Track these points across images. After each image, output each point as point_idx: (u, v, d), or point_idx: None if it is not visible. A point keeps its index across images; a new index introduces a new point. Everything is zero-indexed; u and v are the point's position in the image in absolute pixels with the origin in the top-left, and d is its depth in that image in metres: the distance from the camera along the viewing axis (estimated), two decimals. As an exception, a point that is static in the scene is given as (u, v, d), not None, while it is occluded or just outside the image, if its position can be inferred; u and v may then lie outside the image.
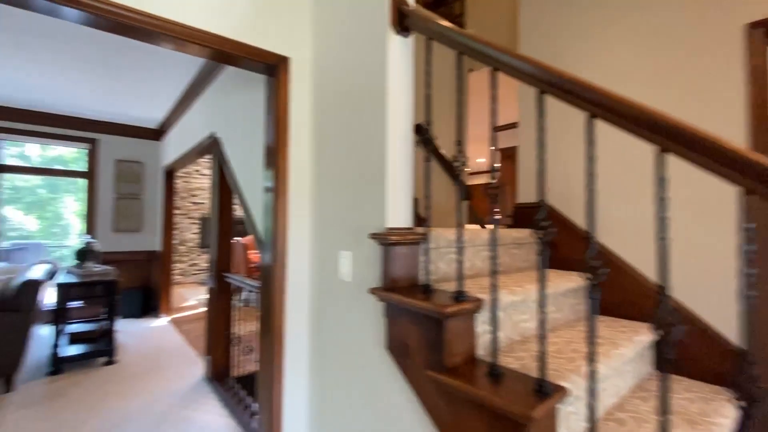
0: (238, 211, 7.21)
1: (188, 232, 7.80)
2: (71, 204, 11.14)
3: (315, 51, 1.74)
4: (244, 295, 5.43)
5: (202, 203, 8.00)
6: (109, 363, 3.39)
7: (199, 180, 7.95)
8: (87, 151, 5.08)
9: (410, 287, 1.27)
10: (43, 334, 4.16)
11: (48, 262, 3.82)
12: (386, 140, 1.29)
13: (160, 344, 3.97)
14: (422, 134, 2.83)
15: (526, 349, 1.25)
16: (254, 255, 6.47)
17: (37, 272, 3.28)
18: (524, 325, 1.38)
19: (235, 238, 6.49)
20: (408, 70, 1.36)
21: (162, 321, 4.89)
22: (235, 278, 2.80)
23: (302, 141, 1.73)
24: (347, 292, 1.46)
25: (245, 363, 2.93)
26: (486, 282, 1.43)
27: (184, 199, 7.70)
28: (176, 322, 4.84)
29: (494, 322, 1.01)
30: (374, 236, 1.24)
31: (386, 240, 1.20)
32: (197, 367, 3.36)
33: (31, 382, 2.98)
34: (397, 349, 1.20)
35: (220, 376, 3.01)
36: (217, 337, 3.05)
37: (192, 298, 6.33)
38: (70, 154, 9.94)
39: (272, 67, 1.68)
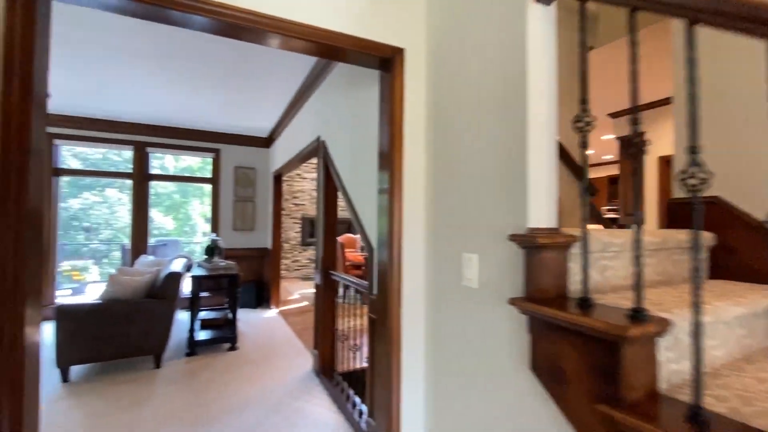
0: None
1: (291, 231, 8.44)
2: (197, 207, 13.02)
3: (430, 38, 1.64)
4: (341, 291, 5.65)
5: (303, 204, 8.59)
6: (232, 349, 3.76)
7: (300, 183, 8.56)
8: (211, 159, 5.79)
9: (559, 299, 1.07)
10: (181, 319, 4.83)
11: (184, 257, 4.42)
12: (527, 129, 1.11)
13: (272, 334, 4.31)
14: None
15: (725, 386, 0.96)
16: (350, 253, 6.70)
17: (177, 265, 3.80)
18: (713, 354, 1.08)
19: (332, 237, 6.81)
20: (551, 45, 1.17)
21: (272, 312, 5.34)
22: (341, 276, 2.86)
23: (418, 137, 1.64)
24: (473, 299, 1.32)
25: (349, 358, 2.97)
26: (651, 295, 1.16)
27: (287, 201, 8.35)
28: (284, 314, 5.23)
29: (697, 351, 0.78)
30: (514, 238, 1.08)
31: (532, 242, 1.03)
32: (305, 359, 3.54)
33: (174, 361, 3.45)
34: (547, 372, 1.02)
35: (326, 370, 3.11)
36: (324, 332, 3.16)
37: (295, 292, 6.81)
38: (196, 164, 11.63)
39: (386, 61, 1.62)
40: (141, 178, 5.34)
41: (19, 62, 1.05)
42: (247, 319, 4.96)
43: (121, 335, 3.09)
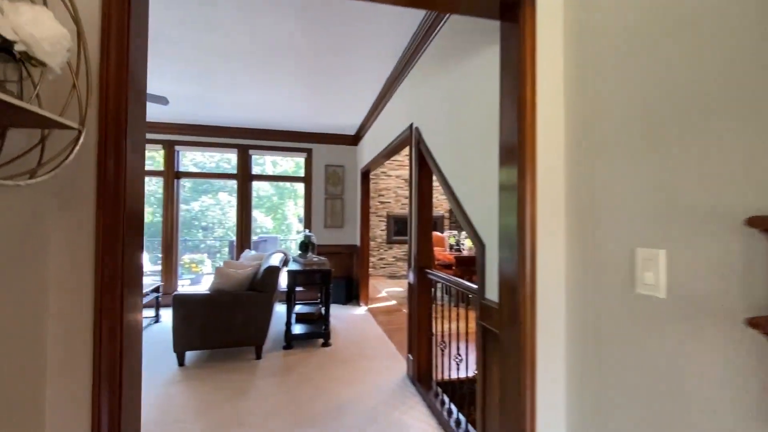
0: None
1: (377, 229, 8.44)
2: (291, 207, 14.05)
3: (569, -31, 1.26)
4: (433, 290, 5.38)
5: (388, 202, 8.53)
6: (325, 345, 3.74)
7: (385, 180, 8.51)
8: (303, 160, 5.99)
9: None
10: (278, 312, 5.05)
11: (281, 252, 4.58)
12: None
13: (363, 333, 4.22)
14: None
15: None
16: (439, 252, 6.38)
17: (275, 260, 3.91)
18: None
19: (420, 235, 6.57)
20: None
21: (362, 310, 5.29)
22: (442, 277, 2.58)
23: (553, 104, 1.27)
24: (658, 315, 0.92)
25: (449, 367, 2.67)
26: None
27: (372, 198, 8.37)
28: (373, 312, 5.15)
29: None
30: (758, 222, 0.67)
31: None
32: (398, 362, 3.35)
33: (273, 353, 3.54)
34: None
35: (422, 378, 2.86)
36: (419, 336, 2.92)
37: (383, 290, 6.74)
38: (291, 168, 12.55)
39: (510, 6, 1.29)
40: (244, 178, 5.74)
41: (116, 40, 0.98)
42: (338, 314, 4.98)
43: (226, 325, 3.24)
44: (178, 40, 2.87)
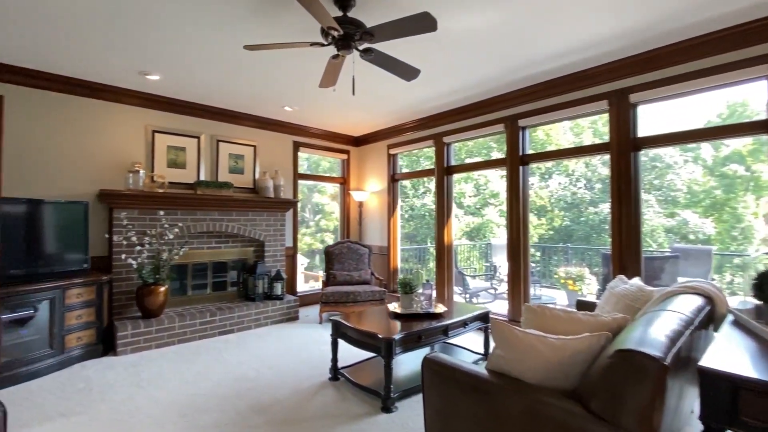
0: None
1: None
2: (750, 203, 8.68)
3: None
4: None
5: None
6: None
7: None
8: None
9: None
10: None
11: (696, 293, 1.92)
12: None
13: None
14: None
15: None
16: None
17: (668, 322, 1.48)
18: None
19: None
20: None
21: None
22: None
23: None
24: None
25: None
26: None
27: None
28: None
29: None
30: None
31: None
32: None
33: None
34: None
35: None
36: None
37: None
38: (746, 149, 7.88)
39: None
40: (621, 149, 3.33)
41: None
42: None
43: (514, 463, 1.36)
44: None
